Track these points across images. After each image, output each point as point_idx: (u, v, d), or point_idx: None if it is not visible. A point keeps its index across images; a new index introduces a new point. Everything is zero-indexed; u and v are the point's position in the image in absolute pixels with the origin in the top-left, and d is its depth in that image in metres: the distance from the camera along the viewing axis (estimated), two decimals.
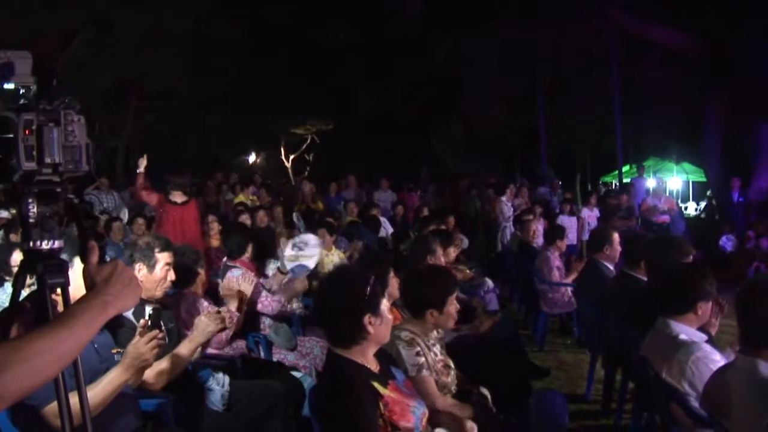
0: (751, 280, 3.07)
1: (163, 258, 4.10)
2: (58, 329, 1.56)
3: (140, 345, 3.03)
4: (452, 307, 3.87)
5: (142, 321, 3.23)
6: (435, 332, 4.00)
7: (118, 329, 3.44)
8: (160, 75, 19.71)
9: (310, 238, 6.37)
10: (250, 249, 6.04)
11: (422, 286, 3.93)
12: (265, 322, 5.67)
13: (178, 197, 8.49)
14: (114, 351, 3.28)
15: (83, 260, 1.81)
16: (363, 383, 2.89)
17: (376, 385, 2.92)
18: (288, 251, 6.10)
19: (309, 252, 6.12)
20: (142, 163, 8.66)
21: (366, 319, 2.91)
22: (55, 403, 1.95)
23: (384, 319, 2.99)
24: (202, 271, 5.05)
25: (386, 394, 2.92)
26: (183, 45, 19.22)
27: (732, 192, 16.17)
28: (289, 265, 6.03)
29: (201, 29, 19.41)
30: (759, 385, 2.72)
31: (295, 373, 4.85)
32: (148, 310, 3.69)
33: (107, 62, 17.78)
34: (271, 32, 23.14)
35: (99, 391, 2.94)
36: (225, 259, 5.98)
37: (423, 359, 3.68)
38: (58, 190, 1.91)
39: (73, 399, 1.97)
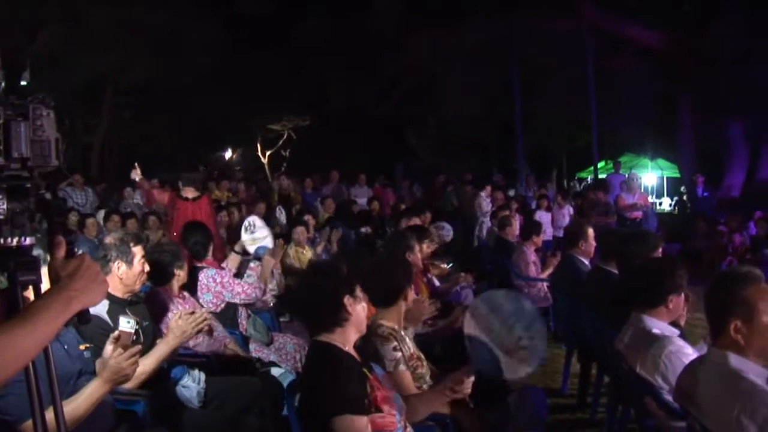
0: (719, 273, 3.08)
1: (138, 251, 4.08)
2: (21, 325, 1.53)
3: (122, 360, 3.00)
4: (411, 294, 4.01)
5: (117, 333, 3.20)
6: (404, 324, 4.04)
7: (84, 325, 3.39)
8: (134, 70, 19.53)
9: (254, 218, 6.47)
10: (211, 247, 5.93)
11: (393, 275, 3.97)
12: (242, 315, 5.64)
13: (189, 193, 8.45)
14: (82, 347, 3.24)
15: (51, 255, 1.79)
16: (349, 362, 2.97)
17: (363, 369, 3.01)
18: (244, 236, 6.18)
19: (260, 233, 6.22)
20: (136, 173, 8.76)
21: (346, 299, 2.99)
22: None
23: (361, 302, 3.08)
24: (180, 272, 4.97)
25: (372, 378, 3.00)
26: (158, 40, 19.06)
27: (697, 188, 16.34)
28: (251, 249, 6.09)
29: (176, 24, 19.26)
30: (729, 377, 2.75)
31: (274, 371, 4.84)
32: (129, 323, 3.63)
33: (80, 57, 17.58)
34: (246, 28, 23.05)
35: (80, 403, 2.93)
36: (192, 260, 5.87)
37: (400, 354, 3.70)
38: (28, 185, 1.88)
39: (50, 415, 1.93)
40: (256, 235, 6.18)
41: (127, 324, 3.50)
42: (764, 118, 15.75)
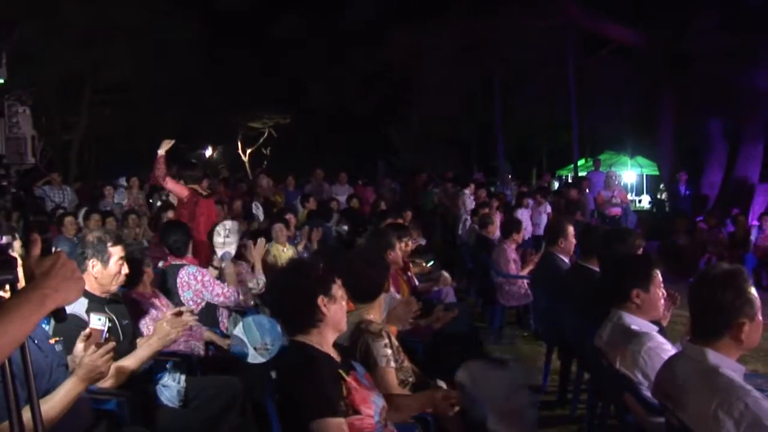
0: (702, 271, 3.09)
1: (116, 252, 4.03)
2: None
3: (96, 357, 2.97)
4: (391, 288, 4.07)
5: (88, 330, 3.18)
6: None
7: (61, 323, 3.36)
8: (113, 67, 19.39)
9: (231, 223, 6.39)
10: (191, 245, 5.90)
11: (373, 270, 3.98)
12: (223, 314, 5.62)
13: (202, 190, 8.24)
14: (52, 341, 3.22)
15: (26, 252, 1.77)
16: (325, 364, 2.95)
17: (340, 371, 2.97)
18: (216, 239, 6.12)
19: (232, 239, 6.16)
20: (166, 144, 7.84)
21: (320, 300, 2.98)
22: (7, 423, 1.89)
23: (338, 302, 3.07)
24: (148, 269, 4.96)
25: (349, 380, 2.97)
26: (137, 37, 18.95)
27: (679, 185, 16.46)
28: (219, 252, 6.03)
29: (155, 21, 19.15)
30: (707, 373, 2.77)
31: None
32: (100, 320, 3.60)
33: (58, 54, 17.44)
34: (226, 25, 22.96)
35: (56, 403, 2.90)
36: (169, 258, 5.82)
37: (390, 350, 3.70)
38: (5, 183, 1.87)
39: (27, 414, 1.91)
40: (229, 240, 6.14)
41: (98, 321, 3.48)
42: (741, 116, 15.87)
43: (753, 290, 2.83)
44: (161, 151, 7.71)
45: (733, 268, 2.92)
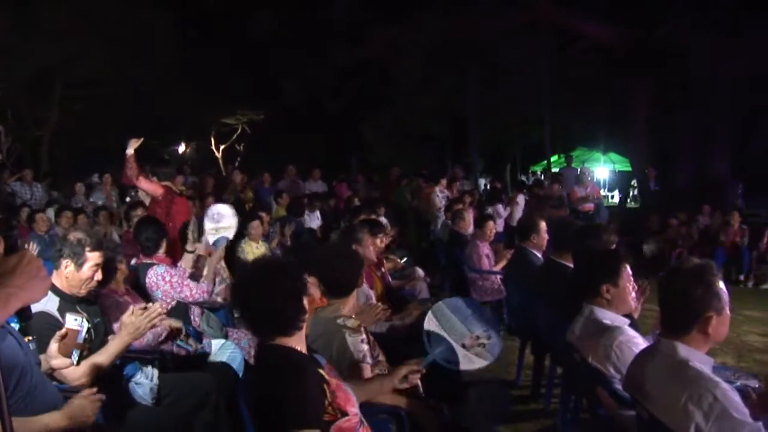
0: (671, 265, 3.13)
1: (92, 258, 4.01)
2: None
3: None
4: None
5: (63, 330, 3.16)
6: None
7: (26, 321, 3.32)
8: (85, 63, 19.16)
9: (224, 207, 6.26)
10: (164, 243, 5.77)
11: (347, 266, 3.95)
12: (195, 312, 5.58)
13: (176, 187, 8.09)
14: (27, 339, 3.19)
15: None
16: (309, 369, 2.85)
17: (321, 371, 2.89)
18: (207, 224, 6.01)
19: (226, 223, 6.06)
20: (134, 143, 7.59)
21: (305, 300, 2.92)
22: None
23: (311, 305, 3.10)
24: (121, 266, 4.91)
25: (331, 381, 2.89)
26: (109, 32, 18.75)
27: (649, 181, 16.61)
28: (211, 239, 5.92)
29: (128, 16, 18.97)
30: (677, 366, 2.80)
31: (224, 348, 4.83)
32: (76, 321, 3.56)
33: (29, 48, 17.22)
34: (200, 20, 22.79)
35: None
36: (141, 256, 5.76)
37: (367, 346, 3.70)
38: None
39: None
40: (222, 224, 6.04)
41: (74, 321, 3.46)
42: (711, 114, 16.04)
43: (721, 285, 2.88)
44: (130, 150, 7.56)
45: (702, 263, 2.95)
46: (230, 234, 6.09)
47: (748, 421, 2.59)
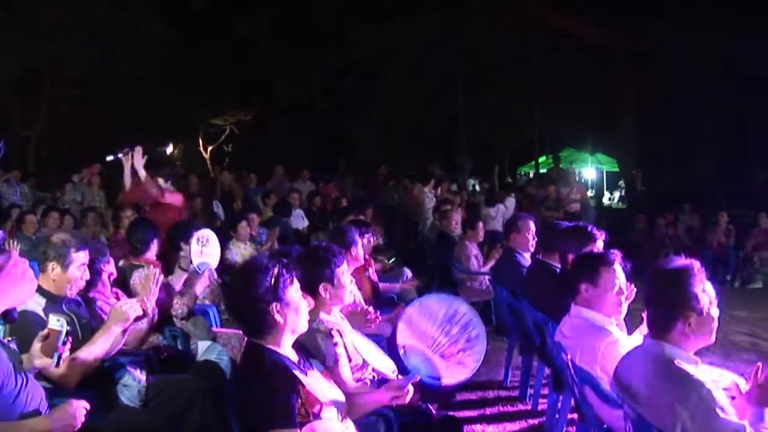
0: (654, 266, 3.15)
1: (78, 258, 3.99)
2: None
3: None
4: (347, 279, 3.91)
5: (46, 330, 3.14)
6: (340, 316, 4.01)
7: (11, 324, 3.30)
8: (73, 63, 19.05)
9: (209, 233, 5.99)
10: (155, 245, 5.68)
11: (309, 264, 3.88)
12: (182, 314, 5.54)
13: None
14: (7, 339, 3.16)
15: None
16: (282, 370, 2.88)
17: (296, 373, 2.91)
18: (194, 246, 5.75)
19: (212, 249, 5.85)
20: (138, 157, 7.15)
21: (273, 307, 2.90)
22: None
23: (294, 308, 2.98)
24: (107, 266, 4.85)
25: (307, 383, 2.91)
26: (98, 32, 18.65)
27: (636, 182, 16.69)
28: (195, 261, 5.70)
29: (117, 16, 18.88)
30: (664, 366, 2.82)
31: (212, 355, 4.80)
32: (59, 321, 3.54)
33: (16, 47, 17.10)
34: (189, 21, 22.70)
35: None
36: (130, 257, 5.70)
37: (342, 349, 3.68)
38: None
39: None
40: (207, 250, 5.81)
41: (56, 322, 3.43)
42: (698, 114, 16.11)
43: (701, 285, 2.90)
44: (142, 171, 7.24)
45: (682, 263, 2.98)
46: (213, 262, 5.86)
47: (734, 421, 2.61)
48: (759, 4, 14.45)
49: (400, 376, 3.47)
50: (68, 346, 3.07)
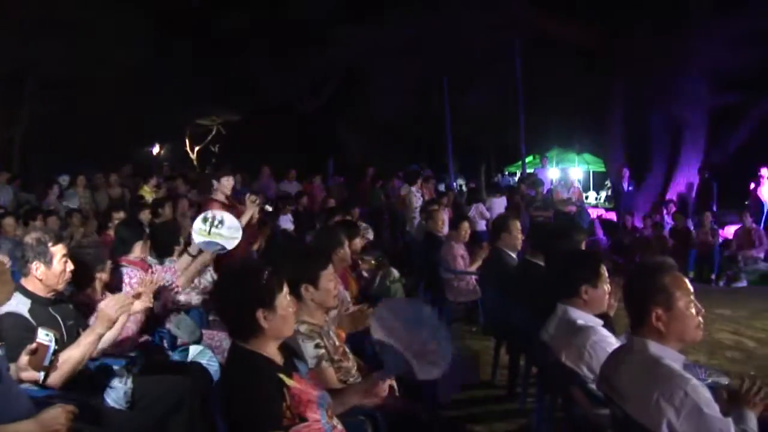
0: (636, 265, 3.23)
1: (58, 251, 3.98)
2: None
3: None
4: (331, 283, 3.86)
5: (34, 345, 3.13)
6: (326, 316, 3.99)
7: None
8: (58, 62, 18.94)
9: (226, 216, 5.84)
10: (139, 246, 5.57)
11: (291, 263, 3.84)
12: (168, 316, 5.52)
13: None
14: None
15: None
16: (266, 373, 2.87)
17: (281, 376, 2.89)
18: (197, 224, 5.69)
19: (226, 232, 5.71)
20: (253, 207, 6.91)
21: (259, 313, 2.88)
22: None
23: (281, 314, 2.95)
24: (102, 274, 4.82)
25: (292, 386, 2.89)
26: (82, 31, 18.55)
27: (622, 182, 16.75)
28: (198, 240, 5.65)
29: (101, 16, 18.79)
30: (649, 364, 2.85)
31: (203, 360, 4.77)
32: (47, 336, 3.51)
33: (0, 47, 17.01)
34: (175, 21, 22.62)
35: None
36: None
37: (323, 350, 3.67)
38: None
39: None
40: (219, 231, 5.69)
41: (45, 337, 3.41)
42: (684, 115, 16.19)
43: (671, 280, 2.94)
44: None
45: (654, 261, 3.06)
46: (229, 245, 5.73)
47: (719, 417, 2.64)
48: None
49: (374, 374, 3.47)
50: (56, 363, 3.06)
